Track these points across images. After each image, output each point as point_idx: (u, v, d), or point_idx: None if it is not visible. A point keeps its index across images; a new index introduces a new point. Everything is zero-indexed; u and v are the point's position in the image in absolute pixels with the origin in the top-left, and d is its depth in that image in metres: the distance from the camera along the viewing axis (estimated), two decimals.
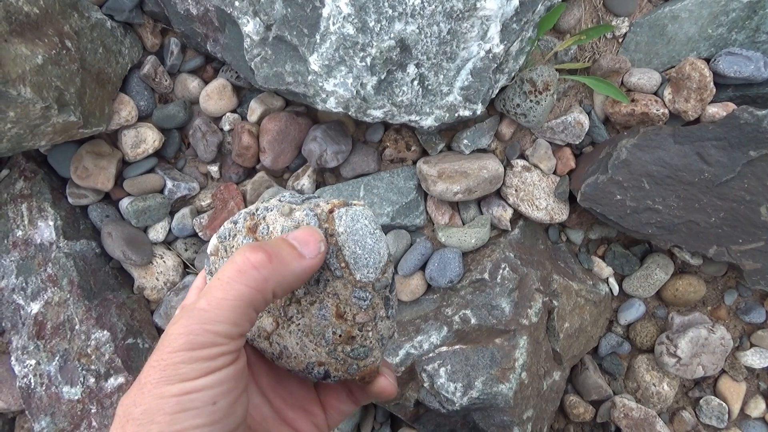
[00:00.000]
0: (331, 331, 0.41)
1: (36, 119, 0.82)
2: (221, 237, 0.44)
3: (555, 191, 1.08)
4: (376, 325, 0.42)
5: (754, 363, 1.21)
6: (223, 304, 0.35)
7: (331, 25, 0.86)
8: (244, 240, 0.42)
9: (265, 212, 0.42)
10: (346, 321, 0.41)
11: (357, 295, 0.41)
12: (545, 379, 1.06)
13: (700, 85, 0.99)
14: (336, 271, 0.40)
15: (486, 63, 0.89)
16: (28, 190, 1.03)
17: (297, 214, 0.41)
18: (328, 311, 0.41)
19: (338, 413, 0.47)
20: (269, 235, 0.41)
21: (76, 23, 0.91)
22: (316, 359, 0.43)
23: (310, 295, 0.41)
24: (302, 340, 0.42)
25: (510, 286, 1.01)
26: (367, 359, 0.43)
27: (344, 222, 0.40)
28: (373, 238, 0.41)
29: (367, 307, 0.41)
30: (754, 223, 0.98)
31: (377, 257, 0.41)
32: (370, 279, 0.41)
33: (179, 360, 0.32)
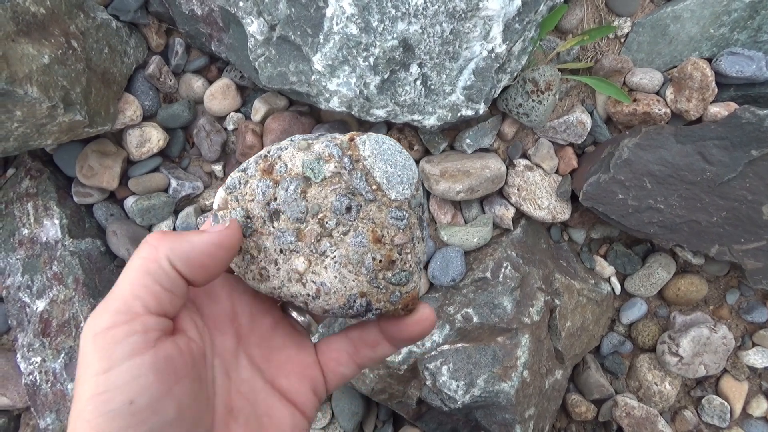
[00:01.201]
0: (370, 257, 0.39)
1: (42, 118, 0.83)
2: (229, 188, 0.42)
3: (557, 190, 1.09)
4: (414, 247, 0.41)
5: (756, 362, 1.21)
6: (121, 281, 0.33)
7: (335, 25, 0.86)
8: (260, 184, 0.40)
9: (279, 152, 0.41)
10: (384, 245, 0.39)
11: (393, 215, 0.39)
12: (547, 378, 1.07)
13: (702, 85, 0.99)
14: (367, 195, 0.39)
15: (488, 63, 0.90)
16: (33, 188, 1.04)
17: (316, 147, 0.40)
18: (364, 237, 0.39)
19: (338, 377, 0.45)
20: (288, 173, 0.40)
21: (82, 23, 0.92)
22: (358, 290, 0.40)
23: (342, 225, 0.39)
24: (341, 272, 0.40)
25: (512, 285, 1.02)
26: (409, 284, 0.41)
27: (369, 145, 0.39)
28: (402, 155, 0.40)
29: (404, 227, 0.40)
30: (756, 222, 0.98)
31: (410, 173, 0.40)
32: (406, 196, 0.39)
33: (88, 350, 0.30)
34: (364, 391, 1.06)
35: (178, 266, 0.34)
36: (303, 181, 0.40)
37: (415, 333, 0.42)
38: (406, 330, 0.42)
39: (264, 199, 0.40)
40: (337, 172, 0.39)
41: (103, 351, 0.29)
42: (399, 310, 0.41)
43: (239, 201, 0.41)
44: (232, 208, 0.41)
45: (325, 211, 0.39)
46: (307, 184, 0.40)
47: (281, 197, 0.40)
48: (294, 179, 0.40)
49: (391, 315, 0.42)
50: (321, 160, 0.39)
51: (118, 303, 0.31)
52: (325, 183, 0.39)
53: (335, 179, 0.39)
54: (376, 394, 1.06)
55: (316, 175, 0.39)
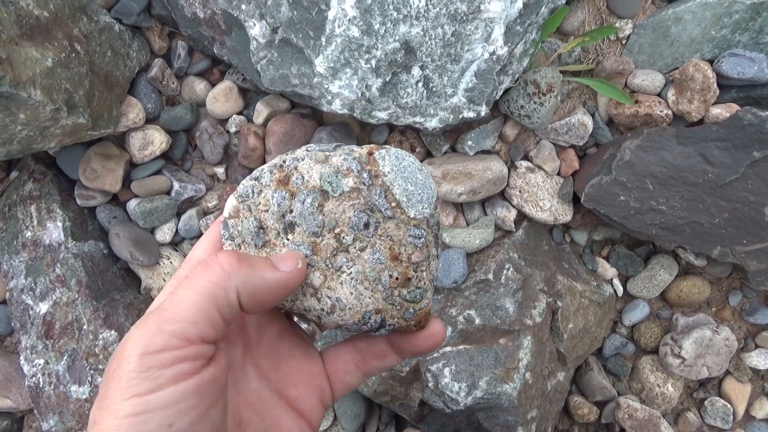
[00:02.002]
0: (387, 274, 0.39)
1: (46, 121, 0.84)
2: (242, 196, 0.41)
3: (559, 192, 1.09)
4: (429, 264, 0.41)
5: (759, 364, 1.21)
6: (183, 300, 0.32)
7: (337, 27, 0.87)
8: (275, 194, 0.40)
9: (295, 162, 0.40)
10: (401, 262, 0.39)
11: (412, 234, 0.39)
12: (549, 380, 1.07)
13: (704, 87, 0.99)
14: (386, 212, 0.39)
15: (490, 65, 0.90)
16: (37, 191, 1.04)
17: (334, 159, 0.39)
18: (382, 254, 0.39)
19: (344, 386, 0.45)
20: (305, 185, 0.39)
21: (85, 27, 0.93)
22: (373, 307, 0.40)
23: (360, 241, 0.39)
24: (357, 289, 0.40)
25: (514, 287, 1.02)
26: (422, 301, 0.41)
27: (389, 161, 0.39)
28: (422, 173, 0.40)
29: (422, 246, 0.40)
30: (759, 223, 0.98)
31: (429, 192, 0.40)
32: (425, 215, 0.39)
33: (132, 368, 0.29)
34: (366, 393, 1.06)
35: (243, 300, 0.34)
36: (320, 194, 0.39)
37: (425, 347, 0.43)
38: (416, 344, 0.43)
39: (279, 210, 0.40)
40: (356, 188, 0.39)
41: (149, 373, 0.29)
42: (411, 326, 0.42)
43: (252, 210, 0.41)
44: (245, 217, 0.41)
45: (343, 226, 0.39)
46: (325, 197, 0.39)
47: (297, 210, 0.39)
48: (311, 192, 0.39)
49: (402, 330, 0.42)
50: (339, 174, 0.39)
51: (175, 326, 0.31)
52: (344, 198, 0.39)
53: (354, 194, 0.39)
54: (379, 396, 1.06)
55: (335, 190, 0.39)
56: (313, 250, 0.40)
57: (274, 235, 0.40)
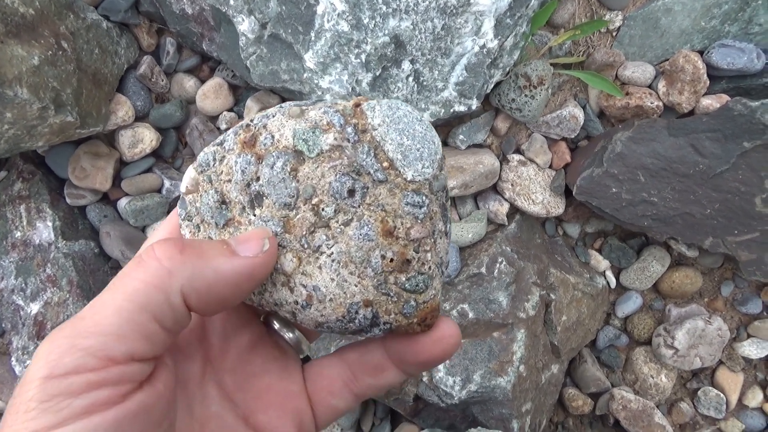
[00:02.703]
0: (378, 254, 0.31)
1: (33, 120, 0.83)
2: (201, 165, 0.34)
3: (551, 185, 1.09)
4: (435, 243, 0.33)
5: (751, 353, 1.21)
6: (106, 307, 0.25)
7: (326, 22, 0.86)
8: (239, 159, 0.32)
9: (264, 120, 0.33)
10: (397, 239, 0.31)
11: (410, 201, 0.31)
12: (543, 372, 1.07)
13: (694, 78, 0.99)
14: (377, 174, 0.31)
15: (480, 58, 0.90)
16: (26, 191, 1.04)
17: (311, 113, 0.32)
18: (371, 228, 0.31)
19: (330, 410, 0.36)
20: (275, 146, 0.32)
21: (72, 24, 0.92)
22: (361, 297, 0.32)
23: (343, 213, 0.31)
24: (340, 274, 0.32)
25: (507, 280, 1.02)
26: (427, 292, 0.33)
27: (381, 111, 0.32)
28: (422, 125, 0.32)
29: (423, 217, 0.32)
30: (749, 214, 0.99)
31: (432, 147, 0.32)
32: (426, 176, 0.32)
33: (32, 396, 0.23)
34: None
35: (191, 300, 0.28)
36: (294, 156, 0.32)
37: (435, 355, 0.33)
38: (422, 351, 0.33)
39: (244, 178, 0.32)
40: (338, 145, 0.31)
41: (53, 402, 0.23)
42: (414, 325, 0.33)
43: (213, 182, 0.33)
44: (204, 190, 0.34)
45: (322, 194, 0.31)
46: (299, 160, 0.32)
47: (265, 176, 0.32)
48: (282, 154, 0.32)
49: (403, 332, 0.34)
50: (317, 130, 0.32)
51: (92, 341, 0.24)
52: (322, 159, 0.31)
53: (335, 154, 0.31)
54: None
55: (311, 149, 0.32)
56: (284, 227, 0.32)
57: (239, 210, 0.33)
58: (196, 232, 0.35)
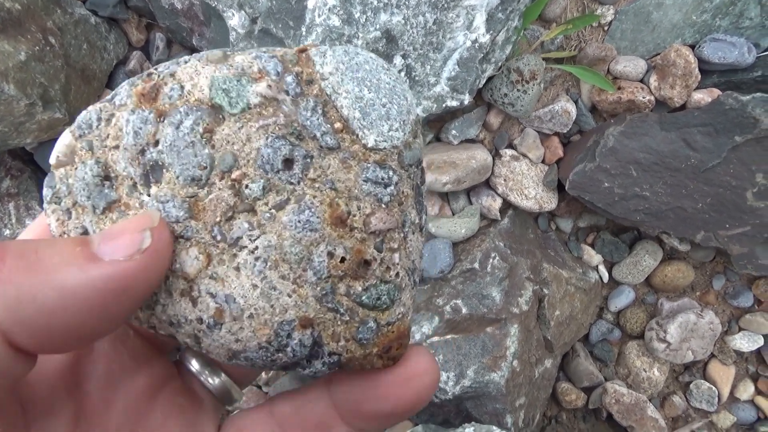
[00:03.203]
0: (324, 250, 0.23)
1: (20, 116, 0.82)
2: (81, 127, 0.24)
3: (543, 180, 1.09)
4: (405, 239, 0.24)
5: (743, 346, 1.22)
6: None
7: (317, 17, 0.86)
8: (131, 117, 0.23)
9: (174, 67, 0.24)
10: (351, 230, 0.23)
11: (371, 177, 0.23)
12: (537, 367, 1.07)
13: (686, 72, 0.99)
14: (325, 138, 0.23)
15: (472, 53, 0.90)
16: (15, 188, 1.02)
17: (238, 58, 0.24)
18: (314, 214, 0.22)
19: None
20: (184, 100, 0.23)
21: (60, 19, 0.91)
22: (297, 314, 0.23)
23: (276, 192, 0.23)
24: (266, 278, 0.22)
25: (500, 275, 1.02)
26: (393, 309, 0.24)
27: (333, 58, 0.24)
28: (389, 74, 0.24)
29: (390, 200, 0.23)
30: (741, 207, 0.99)
31: (403, 102, 0.24)
32: (395, 142, 0.23)
33: None
34: None
35: (21, 339, 0.18)
36: (209, 112, 0.23)
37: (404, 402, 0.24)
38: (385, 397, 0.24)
39: (136, 143, 0.23)
40: (273, 98, 0.23)
41: None
42: (373, 357, 0.24)
43: (93, 149, 0.24)
44: (82, 160, 0.24)
45: (246, 166, 0.23)
46: (217, 118, 0.23)
47: (167, 139, 0.23)
48: (193, 109, 0.23)
49: (357, 366, 0.24)
50: (244, 78, 0.23)
51: None
52: (249, 116, 0.23)
53: (267, 110, 0.23)
54: None
55: (233, 103, 0.23)
56: (190, 211, 0.23)
57: (127, 188, 0.23)
58: (65, 220, 0.25)
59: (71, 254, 0.19)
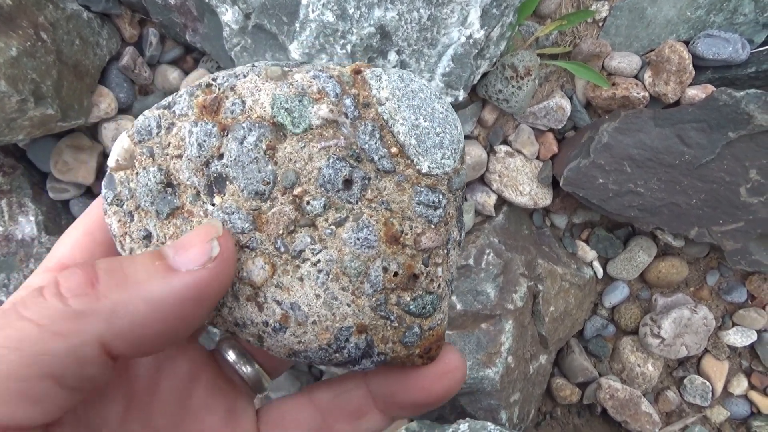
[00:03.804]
0: (379, 266, 0.25)
1: (12, 113, 0.81)
2: (141, 133, 0.26)
3: (538, 176, 1.09)
4: (448, 255, 0.27)
5: (736, 342, 1.23)
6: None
7: (311, 12, 0.85)
8: (195, 129, 0.24)
9: (233, 80, 0.25)
10: (404, 247, 0.25)
11: (423, 200, 0.25)
12: (531, 363, 1.08)
13: (680, 68, 1.00)
14: (382, 162, 0.24)
15: (467, 49, 0.89)
16: (7, 185, 1.02)
17: (297, 76, 0.24)
18: (371, 232, 0.24)
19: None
20: (246, 115, 0.24)
21: (51, 14, 0.90)
22: (355, 321, 0.25)
23: (335, 210, 0.24)
24: (328, 289, 0.25)
25: (495, 272, 1.02)
26: (435, 316, 0.26)
27: (389, 83, 0.25)
28: (442, 103, 0.25)
29: (438, 221, 0.25)
30: (734, 203, 0.99)
31: (455, 132, 0.25)
32: (446, 169, 0.25)
33: None
34: None
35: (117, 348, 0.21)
36: (271, 130, 0.24)
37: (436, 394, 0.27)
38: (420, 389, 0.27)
39: (200, 155, 0.25)
40: (333, 120, 0.24)
41: None
42: (415, 357, 0.27)
43: (155, 156, 0.25)
44: (143, 166, 0.25)
45: (307, 183, 0.24)
46: (279, 136, 0.24)
47: (231, 154, 0.24)
48: (256, 126, 0.24)
49: (399, 364, 0.27)
50: (305, 99, 0.24)
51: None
52: (311, 136, 0.24)
53: (328, 132, 0.24)
54: None
55: (296, 123, 0.24)
56: (254, 223, 0.25)
57: (191, 196, 0.25)
58: (127, 222, 0.26)
59: (153, 268, 0.22)
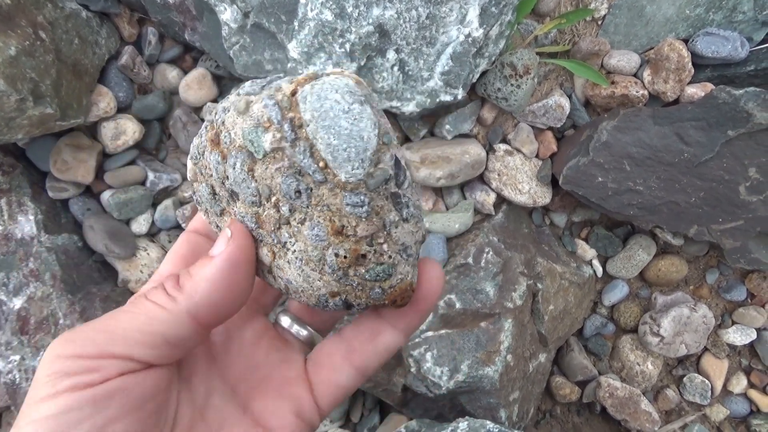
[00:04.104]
0: (332, 253, 0.31)
1: (11, 112, 0.81)
2: (193, 157, 0.35)
3: (537, 175, 1.09)
4: (389, 234, 0.32)
5: (736, 340, 1.23)
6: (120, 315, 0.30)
7: (309, 11, 0.85)
8: (212, 157, 0.32)
9: (223, 115, 0.32)
10: (347, 237, 0.31)
11: (349, 202, 0.30)
12: (531, 361, 1.08)
13: (679, 66, 1.00)
14: (316, 175, 0.29)
15: (466, 47, 0.89)
16: (6, 184, 1.02)
17: (255, 107, 0.30)
18: (321, 229, 0.31)
19: (332, 388, 0.37)
20: (233, 145, 0.31)
21: (50, 14, 0.90)
22: (327, 290, 0.33)
23: (297, 212, 0.31)
24: (303, 270, 0.33)
25: (494, 270, 1.02)
26: (392, 278, 0.33)
27: (310, 104, 0.28)
28: (348, 117, 0.28)
29: (368, 215, 0.30)
30: (733, 202, 0.99)
31: (358, 143, 0.29)
32: (357, 176, 0.29)
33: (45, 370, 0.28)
34: None
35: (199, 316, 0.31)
36: (247, 155, 0.30)
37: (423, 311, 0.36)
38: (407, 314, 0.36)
39: (218, 176, 0.33)
40: (278, 147, 0.29)
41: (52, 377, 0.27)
42: (387, 305, 0.34)
43: (203, 174, 0.34)
44: (200, 181, 0.34)
45: (278, 193, 0.31)
46: (253, 159, 0.30)
47: (231, 176, 0.32)
48: (239, 153, 0.31)
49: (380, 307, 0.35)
50: (260, 129, 0.29)
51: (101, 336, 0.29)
52: (269, 160, 0.30)
53: (278, 155, 0.30)
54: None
55: (257, 150, 0.30)
56: (257, 223, 0.33)
57: (225, 201, 0.34)
58: (206, 218, 0.37)
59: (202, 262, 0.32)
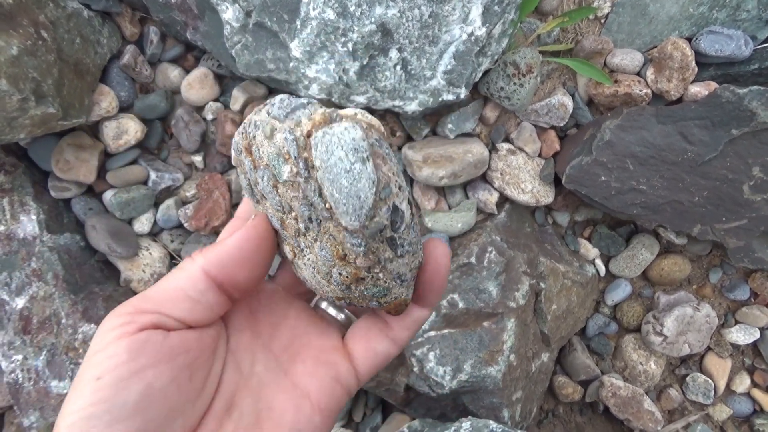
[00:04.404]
0: (336, 272, 0.36)
1: (13, 111, 0.81)
2: (235, 150, 0.38)
3: (540, 174, 1.09)
4: (384, 267, 0.35)
5: (739, 339, 1.22)
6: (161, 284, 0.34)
7: (312, 10, 0.85)
8: (247, 162, 0.36)
9: (254, 130, 0.34)
10: (349, 263, 0.35)
11: (350, 241, 0.33)
12: (534, 361, 1.07)
13: (682, 65, 0.99)
14: (323, 213, 0.33)
15: (468, 46, 0.89)
16: (9, 184, 1.02)
17: (278, 137, 0.33)
18: (328, 252, 0.35)
19: (371, 356, 0.41)
20: (261, 161, 0.34)
21: (52, 13, 0.90)
22: (333, 295, 0.38)
23: (312, 231, 0.35)
24: (314, 276, 0.38)
25: (497, 270, 1.02)
26: (387, 296, 0.37)
27: (319, 153, 0.31)
28: (349, 177, 0.31)
29: (364, 253, 0.34)
30: (737, 201, 0.99)
31: (355, 202, 0.31)
32: (355, 227, 0.32)
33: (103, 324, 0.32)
34: None
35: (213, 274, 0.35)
36: (273, 173, 0.34)
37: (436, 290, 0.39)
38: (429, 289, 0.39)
39: (250, 180, 0.36)
40: (294, 181, 0.33)
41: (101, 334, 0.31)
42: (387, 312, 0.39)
43: (242, 168, 0.37)
44: (240, 173, 0.38)
45: (296, 211, 0.34)
46: (276, 179, 0.34)
47: (260, 184, 0.35)
48: (266, 170, 0.34)
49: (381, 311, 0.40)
50: (281, 158, 0.33)
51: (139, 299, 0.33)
52: (287, 186, 0.33)
53: (294, 185, 0.33)
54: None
55: (278, 176, 0.33)
56: (282, 225, 0.37)
57: (259, 199, 0.37)
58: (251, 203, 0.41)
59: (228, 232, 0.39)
